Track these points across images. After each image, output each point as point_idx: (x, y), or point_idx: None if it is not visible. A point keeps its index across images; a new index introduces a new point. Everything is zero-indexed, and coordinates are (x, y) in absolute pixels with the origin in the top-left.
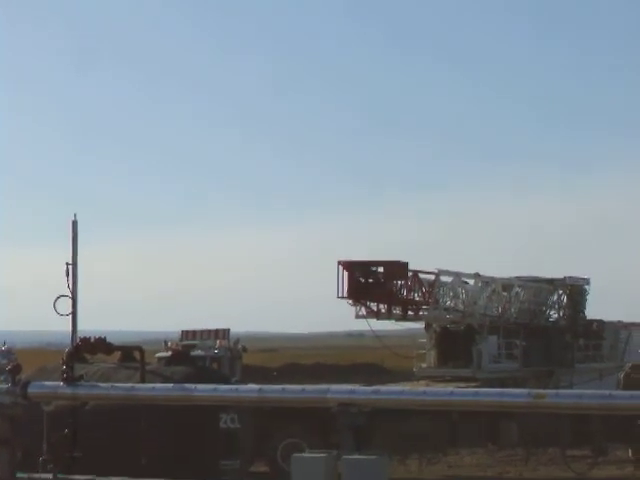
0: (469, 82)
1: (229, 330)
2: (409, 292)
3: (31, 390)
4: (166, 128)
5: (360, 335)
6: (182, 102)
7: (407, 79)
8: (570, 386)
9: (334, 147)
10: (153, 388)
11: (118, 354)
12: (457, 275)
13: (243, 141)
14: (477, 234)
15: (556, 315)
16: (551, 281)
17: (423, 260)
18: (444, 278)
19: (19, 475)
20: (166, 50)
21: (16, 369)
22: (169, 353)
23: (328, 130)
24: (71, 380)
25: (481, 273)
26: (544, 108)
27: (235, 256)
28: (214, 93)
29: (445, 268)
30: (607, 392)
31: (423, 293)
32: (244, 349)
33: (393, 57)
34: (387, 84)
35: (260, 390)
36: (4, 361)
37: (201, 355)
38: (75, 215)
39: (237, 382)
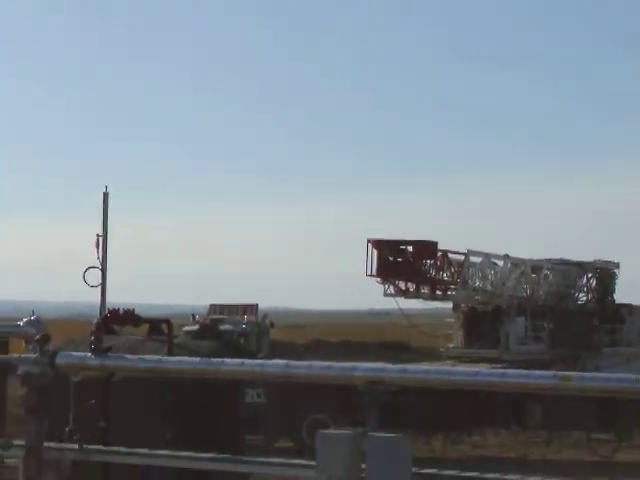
0: (499, 65)
1: (257, 305)
2: (438, 272)
3: (59, 360)
4: (198, 107)
5: (387, 313)
6: (215, 83)
7: (446, 63)
8: (596, 370)
9: (367, 127)
10: (180, 361)
11: (146, 327)
12: (486, 256)
13: (275, 120)
14: (508, 216)
15: (585, 298)
16: (580, 264)
17: (453, 240)
18: (473, 258)
19: (46, 444)
20: (194, 29)
21: (45, 339)
22: (197, 327)
23: (361, 110)
24: (99, 351)
25: (511, 255)
26: (574, 95)
27: (264, 232)
28: (247, 75)
29: (475, 249)
30: (634, 376)
31: (452, 273)
32: (271, 325)
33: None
34: (419, 65)
35: (286, 366)
36: (33, 331)
37: (229, 330)
38: (106, 187)
39: (264, 357)
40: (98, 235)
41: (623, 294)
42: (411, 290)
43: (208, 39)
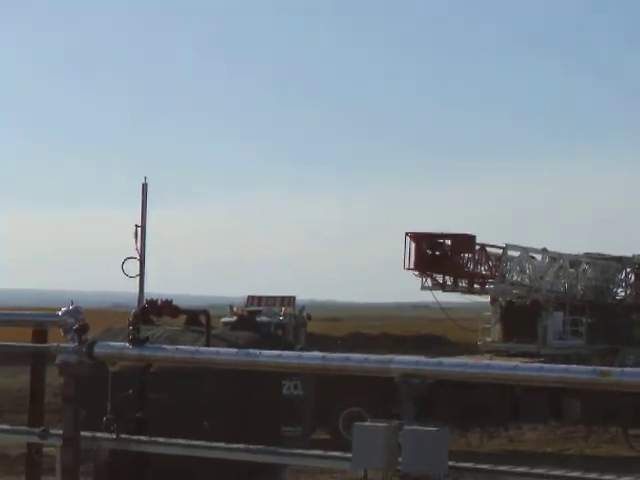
0: (537, 54)
1: (295, 297)
2: (476, 265)
3: (97, 350)
4: (238, 97)
5: (425, 307)
6: (246, 70)
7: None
8: (635, 365)
9: (406, 120)
10: (217, 352)
11: (184, 317)
12: (524, 250)
13: (316, 109)
14: (546, 210)
15: (623, 293)
16: (619, 259)
17: (491, 234)
18: (511, 252)
19: (83, 434)
20: (226, 16)
21: (83, 328)
22: (234, 318)
23: (402, 103)
24: (137, 341)
25: (549, 249)
26: (612, 83)
27: (304, 224)
28: (279, 62)
29: (513, 243)
30: None
31: (490, 267)
32: (309, 317)
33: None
34: (466, 59)
35: (324, 358)
36: (71, 320)
37: (266, 321)
38: (145, 178)
39: (301, 349)
40: (137, 226)
41: None
42: (449, 284)
43: (238, 26)
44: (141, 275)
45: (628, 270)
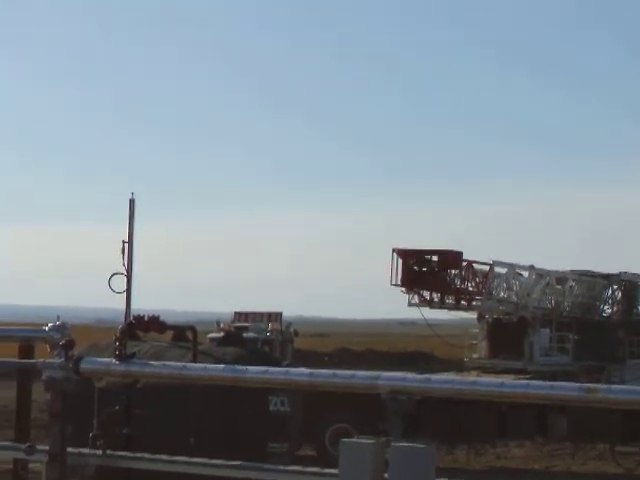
0: (520, 72)
1: (281, 313)
2: (463, 282)
3: (83, 366)
4: (227, 111)
5: (412, 323)
6: (238, 87)
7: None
8: (621, 382)
9: (392, 138)
10: (204, 368)
11: (170, 333)
12: (511, 266)
13: (303, 126)
14: (534, 227)
15: (610, 310)
16: (606, 276)
17: (478, 251)
18: (498, 269)
19: (69, 450)
20: (219, 36)
21: (69, 344)
22: (221, 334)
23: (388, 122)
24: (123, 357)
25: (536, 266)
26: (601, 101)
27: (291, 241)
28: (282, 83)
29: (500, 259)
30: None
31: (477, 283)
32: (296, 333)
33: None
34: (448, 79)
35: (311, 374)
36: (57, 336)
37: (253, 337)
38: (132, 194)
39: (288, 365)
40: (124, 241)
41: None
42: (436, 300)
43: (236, 51)
44: (128, 291)
45: (615, 287)
